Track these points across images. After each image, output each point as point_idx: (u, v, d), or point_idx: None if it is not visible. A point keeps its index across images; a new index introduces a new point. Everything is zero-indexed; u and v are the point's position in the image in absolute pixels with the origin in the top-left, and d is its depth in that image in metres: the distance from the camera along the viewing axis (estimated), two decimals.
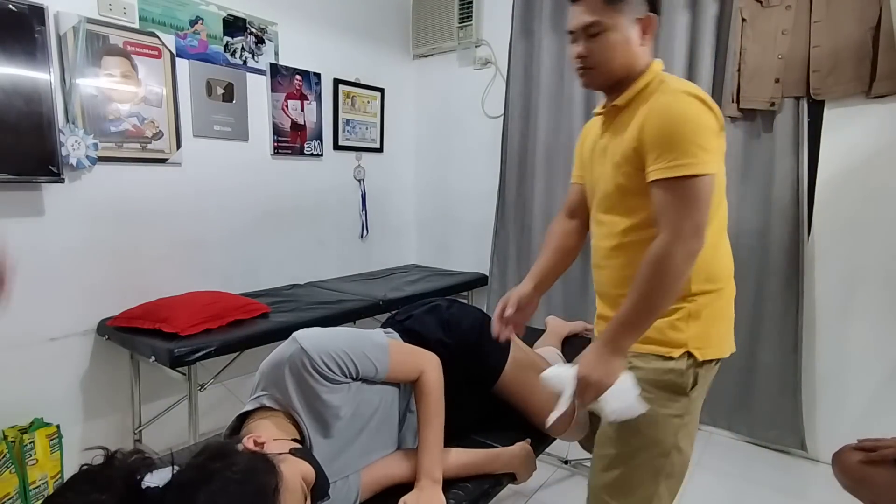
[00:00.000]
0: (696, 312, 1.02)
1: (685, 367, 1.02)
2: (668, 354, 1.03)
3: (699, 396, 1.06)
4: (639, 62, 1.03)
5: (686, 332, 1.02)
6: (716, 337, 1.05)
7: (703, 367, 1.03)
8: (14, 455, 1.61)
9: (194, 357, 1.61)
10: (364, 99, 2.89)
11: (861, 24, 1.83)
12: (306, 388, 1.01)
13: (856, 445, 1.20)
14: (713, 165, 0.93)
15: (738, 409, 2.24)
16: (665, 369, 1.03)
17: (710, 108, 0.96)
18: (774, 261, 2.09)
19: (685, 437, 1.05)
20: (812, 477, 2.02)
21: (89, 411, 1.92)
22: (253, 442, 0.86)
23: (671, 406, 1.03)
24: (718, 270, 1.05)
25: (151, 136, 1.99)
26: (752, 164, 2.14)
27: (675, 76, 1.05)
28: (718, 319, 1.06)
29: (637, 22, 1.01)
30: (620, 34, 1.01)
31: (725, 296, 1.07)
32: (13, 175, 1.60)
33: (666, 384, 1.03)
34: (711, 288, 1.03)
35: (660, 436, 1.03)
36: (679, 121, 0.93)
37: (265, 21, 2.35)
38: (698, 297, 1.02)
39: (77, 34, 1.75)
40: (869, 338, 1.98)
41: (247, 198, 2.36)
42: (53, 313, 1.78)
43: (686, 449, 1.06)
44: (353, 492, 1.07)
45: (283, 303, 2.15)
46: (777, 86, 2.00)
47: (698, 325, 1.02)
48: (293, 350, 1.01)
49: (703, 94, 0.97)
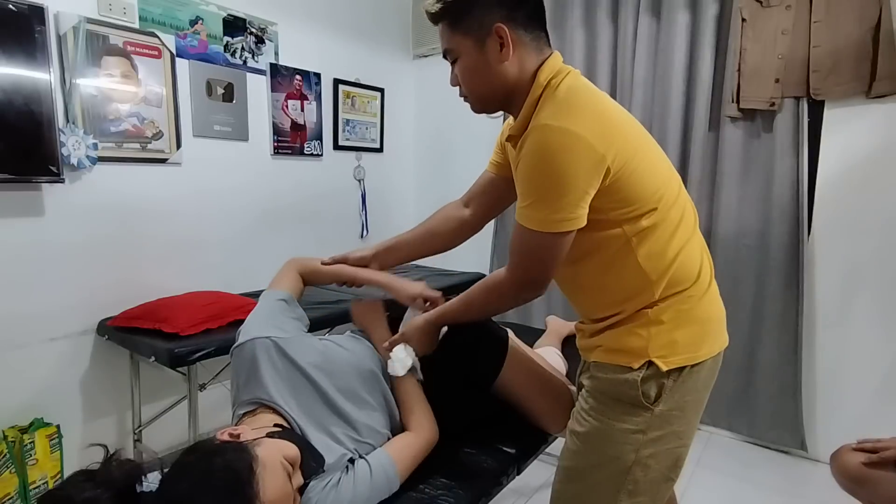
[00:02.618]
0: (657, 318, 0.94)
1: (640, 379, 0.93)
2: (627, 364, 0.94)
3: (674, 409, 0.95)
4: (508, 80, 0.93)
5: (647, 339, 0.94)
6: (683, 342, 0.94)
7: (670, 376, 0.93)
8: (14, 455, 1.61)
9: (194, 357, 1.61)
10: (364, 99, 2.89)
11: (861, 24, 1.83)
12: (280, 360, 1.08)
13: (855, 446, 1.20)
14: (568, 222, 0.85)
15: (738, 409, 2.24)
16: (619, 381, 0.95)
17: (580, 137, 0.82)
18: (774, 261, 2.09)
19: (655, 454, 0.95)
20: (812, 477, 2.02)
21: (89, 411, 1.91)
22: (228, 434, 0.88)
23: (628, 420, 0.95)
24: (683, 274, 0.95)
25: (151, 136, 1.99)
26: (752, 164, 2.14)
27: (566, 84, 0.90)
28: (686, 323, 0.95)
29: (489, 39, 0.90)
30: (471, 58, 0.93)
31: (694, 297, 0.96)
32: (13, 175, 1.59)
33: (620, 397, 0.96)
34: (675, 290, 0.94)
35: (616, 452, 0.96)
36: (538, 167, 0.85)
37: (265, 21, 2.35)
38: (660, 303, 0.94)
39: (77, 34, 1.75)
40: (869, 338, 1.98)
41: (247, 198, 2.36)
42: (53, 313, 1.78)
43: (657, 466, 0.96)
44: (391, 470, 1.02)
45: None
46: (777, 86, 2.00)
47: (661, 331, 0.94)
48: (251, 346, 1.09)
49: (573, 122, 0.83)
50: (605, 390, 0.98)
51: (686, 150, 2.26)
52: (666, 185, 0.94)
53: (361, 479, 0.98)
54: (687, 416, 0.97)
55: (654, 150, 0.98)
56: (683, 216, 0.96)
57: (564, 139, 0.82)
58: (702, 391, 0.99)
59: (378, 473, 1.00)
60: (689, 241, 0.97)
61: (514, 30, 0.91)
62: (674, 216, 0.94)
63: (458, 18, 0.93)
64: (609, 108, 0.91)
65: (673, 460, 0.98)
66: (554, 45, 2.93)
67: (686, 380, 0.95)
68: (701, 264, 0.98)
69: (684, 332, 0.94)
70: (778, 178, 2.06)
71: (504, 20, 0.90)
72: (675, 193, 0.96)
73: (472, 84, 0.98)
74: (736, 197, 2.18)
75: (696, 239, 1.00)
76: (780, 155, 2.05)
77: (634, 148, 0.90)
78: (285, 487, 0.82)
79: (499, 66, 0.92)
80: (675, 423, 0.96)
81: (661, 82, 2.27)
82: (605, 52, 2.41)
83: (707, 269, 1.00)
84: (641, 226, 0.91)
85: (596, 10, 2.42)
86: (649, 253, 0.92)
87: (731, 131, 2.16)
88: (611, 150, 0.84)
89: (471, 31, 0.92)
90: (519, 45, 0.92)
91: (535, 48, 0.94)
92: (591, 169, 0.84)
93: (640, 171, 0.89)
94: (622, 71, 2.40)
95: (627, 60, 2.37)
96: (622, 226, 0.91)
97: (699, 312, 0.97)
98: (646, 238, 0.92)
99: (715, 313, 1.01)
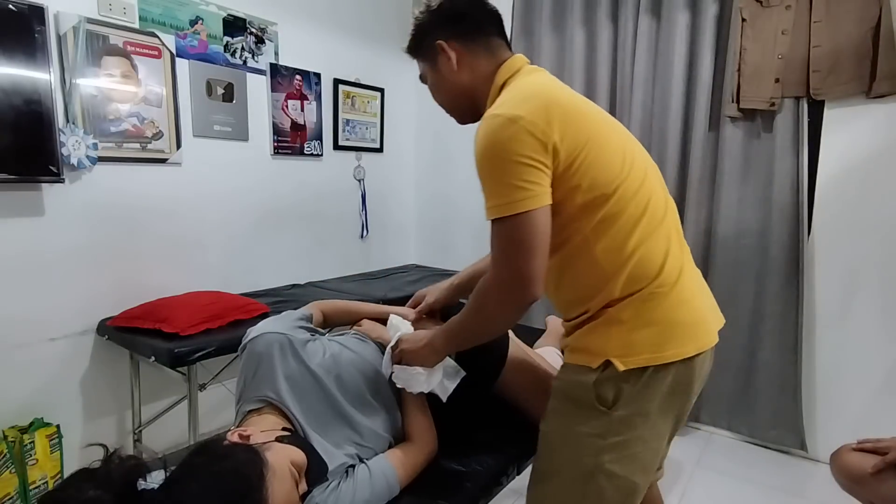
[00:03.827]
0: (617, 316, 0.91)
1: (594, 381, 0.90)
2: (586, 364, 0.92)
3: (636, 414, 0.91)
4: (464, 88, 1.04)
5: (607, 338, 0.91)
6: (643, 342, 0.89)
7: (630, 379, 0.89)
8: (14, 455, 1.61)
9: (194, 357, 1.61)
10: (364, 99, 2.89)
11: (861, 24, 1.83)
12: (293, 360, 1.08)
13: (855, 446, 1.20)
14: (528, 200, 0.83)
15: (738, 409, 2.24)
16: (575, 382, 0.94)
17: (520, 118, 0.84)
18: (774, 261, 2.09)
19: (618, 460, 0.91)
20: (812, 477, 2.02)
21: (89, 411, 1.91)
22: (238, 435, 0.87)
23: (587, 423, 0.92)
24: (642, 270, 0.91)
25: (151, 136, 1.99)
26: (752, 164, 2.14)
27: (518, 79, 0.98)
28: (648, 322, 0.90)
29: (438, 57, 1.03)
30: (432, 77, 1.07)
31: (657, 295, 0.91)
32: (13, 175, 1.59)
33: (577, 398, 0.93)
34: (636, 288, 0.90)
35: (575, 456, 0.93)
36: (482, 157, 0.87)
37: (265, 21, 2.35)
38: (621, 301, 0.91)
39: (77, 34, 1.75)
40: (869, 338, 1.98)
41: (247, 198, 2.36)
42: (53, 313, 1.78)
43: (623, 473, 0.92)
44: (392, 478, 1.02)
45: (283, 303, 2.15)
46: (777, 86, 2.00)
47: (621, 330, 0.90)
48: (267, 339, 1.09)
49: (513, 106, 0.86)
50: (564, 391, 0.97)
51: (686, 150, 2.26)
52: (625, 177, 0.91)
53: (362, 484, 0.97)
54: (652, 420, 0.92)
55: (614, 140, 0.94)
56: (647, 210, 0.92)
57: (504, 122, 0.85)
58: (671, 397, 0.93)
59: (378, 479, 1.00)
60: (652, 236, 0.92)
61: (459, 42, 1.02)
62: (634, 210, 0.91)
63: (417, 49, 1.09)
64: (561, 97, 0.91)
65: (640, 466, 0.94)
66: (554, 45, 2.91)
67: (650, 383, 0.90)
68: (664, 261, 0.92)
69: (645, 332, 0.90)
70: (778, 178, 2.06)
71: (447, 38, 1.02)
72: (636, 186, 0.92)
73: (438, 98, 1.10)
74: (736, 197, 2.18)
75: (661, 235, 0.94)
76: (780, 155, 2.05)
77: (588, 136, 0.88)
78: (292, 495, 0.81)
79: (452, 77, 1.03)
80: (639, 428, 0.91)
81: (661, 82, 2.28)
82: (605, 52, 2.41)
83: (674, 267, 0.93)
84: (597, 218, 0.89)
85: (596, 10, 2.42)
86: (607, 248, 0.90)
87: (731, 131, 2.16)
88: (556, 132, 0.85)
89: (427, 55, 1.06)
90: (466, 54, 1.02)
91: (487, 54, 1.03)
92: (535, 145, 0.84)
93: (591, 160, 0.88)
94: (622, 71, 2.40)
95: (627, 60, 2.37)
96: (579, 220, 0.90)
97: (663, 312, 0.91)
98: (603, 232, 0.90)
99: (683, 317, 0.92)
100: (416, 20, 1.08)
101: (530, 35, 2.63)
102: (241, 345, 1.14)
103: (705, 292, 1.02)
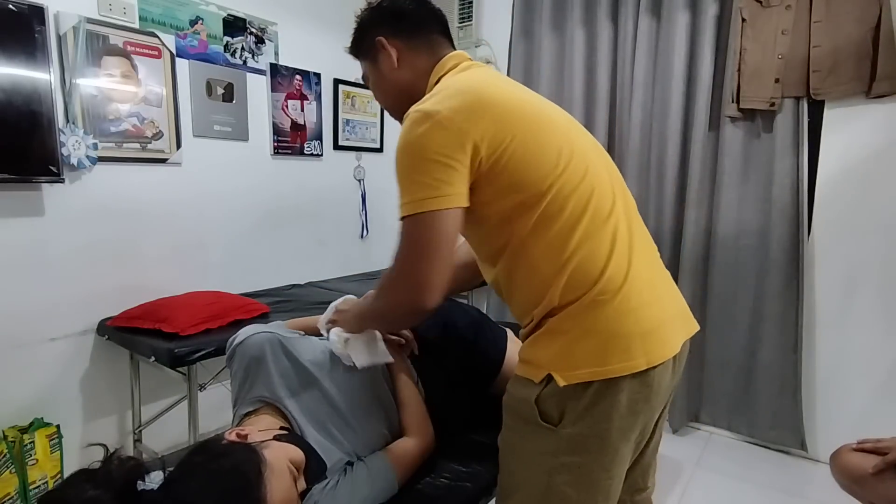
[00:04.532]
0: (558, 326, 0.84)
1: (535, 398, 0.84)
2: (530, 378, 0.85)
3: (591, 436, 0.83)
4: (405, 85, 1.01)
5: (548, 350, 0.84)
6: (584, 355, 0.81)
7: (574, 395, 0.81)
8: (14, 455, 1.61)
9: (194, 357, 1.61)
10: (364, 99, 2.89)
11: (861, 24, 1.83)
12: (285, 358, 1.07)
13: (855, 446, 1.20)
14: (437, 200, 0.79)
15: (738, 409, 2.24)
16: (517, 397, 0.88)
17: (437, 112, 0.80)
18: (774, 261, 2.09)
19: (574, 483, 0.85)
20: (812, 477, 2.02)
21: (89, 411, 1.91)
22: (236, 434, 0.87)
23: (535, 441, 0.86)
24: (584, 276, 0.83)
25: (151, 136, 1.99)
26: (752, 164, 2.14)
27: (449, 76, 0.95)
28: (588, 334, 0.82)
29: (379, 54, 1.02)
30: (373, 76, 1.06)
31: (600, 303, 0.82)
32: (13, 175, 1.59)
33: (522, 415, 0.87)
34: (576, 295, 0.83)
35: (527, 473, 0.89)
36: (398, 153, 0.84)
37: (265, 21, 2.35)
38: (562, 309, 0.84)
39: (77, 34, 1.75)
40: (869, 337, 1.98)
41: (247, 198, 2.36)
42: (53, 313, 1.78)
43: (575, 495, 0.85)
44: (390, 474, 1.02)
45: (283, 303, 2.15)
46: (777, 86, 2.00)
47: (562, 341, 0.83)
48: (257, 340, 1.09)
49: (435, 102, 0.83)
50: (511, 406, 0.91)
51: (686, 150, 2.26)
52: (559, 173, 0.83)
53: (359, 481, 0.97)
54: (612, 445, 0.84)
55: (550, 134, 0.87)
56: (588, 208, 0.84)
57: (420, 117, 0.82)
58: (631, 417, 0.84)
59: (377, 477, 1.00)
60: (594, 237, 0.84)
61: (400, 40, 1.01)
62: (574, 208, 0.83)
63: (358, 48, 1.08)
64: (489, 93, 0.85)
65: (602, 495, 0.87)
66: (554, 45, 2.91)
67: (598, 401, 0.81)
68: (606, 265, 0.83)
69: (586, 343, 0.82)
70: (778, 178, 2.06)
71: (388, 34, 1.01)
72: (575, 182, 0.84)
73: (379, 97, 1.09)
74: (736, 197, 2.18)
75: (605, 235, 0.85)
76: (780, 155, 2.05)
77: (515, 133, 0.82)
78: (291, 492, 0.81)
79: (392, 75, 1.01)
80: (595, 451, 0.84)
81: (661, 82, 2.27)
82: (605, 52, 2.40)
83: (617, 272, 0.84)
84: (533, 220, 0.83)
85: (596, 10, 2.41)
86: (545, 252, 0.84)
87: (731, 131, 2.16)
88: (477, 129, 0.80)
89: (368, 53, 1.05)
90: (406, 51, 1.01)
91: (429, 52, 1.01)
92: (451, 142, 0.80)
93: (519, 157, 0.82)
94: (622, 71, 2.40)
95: (627, 60, 2.37)
96: (515, 221, 0.84)
97: (604, 322, 0.82)
98: (541, 234, 0.83)
99: (629, 328, 0.82)
100: (357, 18, 1.08)
101: (530, 35, 2.63)
102: (228, 349, 1.13)
103: (667, 297, 0.93)
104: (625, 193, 0.93)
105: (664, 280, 0.95)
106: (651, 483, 1.10)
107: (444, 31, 1.05)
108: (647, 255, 0.92)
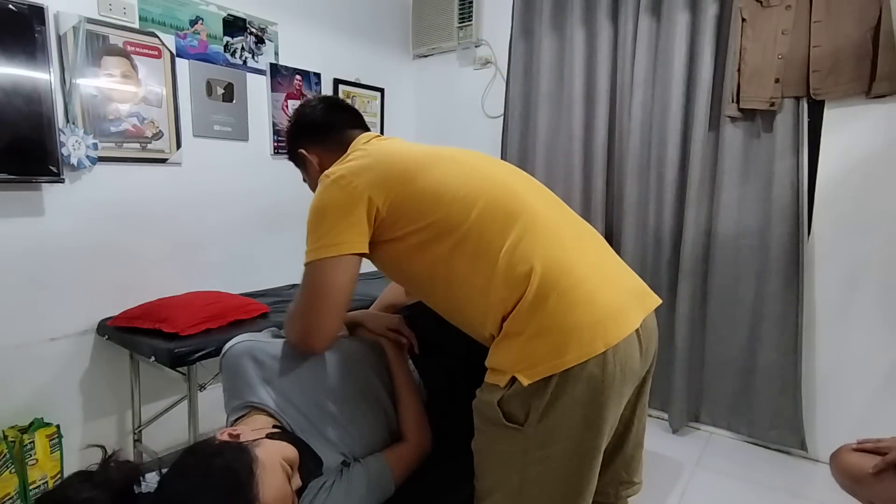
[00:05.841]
0: (513, 329, 0.88)
1: (499, 400, 0.88)
2: (496, 383, 0.89)
3: (559, 426, 0.86)
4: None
5: (508, 353, 0.88)
6: (541, 352, 0.85)
7: (537, 392, 0.85)
8: (14, 455, 1.61)
9: (194, 357, 1.61)
10: (364, 99, 2.89)
11: (861, 24, 1.83)
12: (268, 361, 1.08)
13: (855, 446, 1.20)
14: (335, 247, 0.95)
15: (738, 409, 2.24)
16: (484, 402, 0.92)
17: (339, 174, 0.98)
18: (774, 261, 2.09)
19: (543, 473, 0.88)
20: (812, 477, 2.02)
21: (89, 411, 1.92)
22: (228, 434, 0.87)
23: (504, 443, 0.90)
24: (515, 276, 0.88)
25: (151, 136, 1.99)
26: (752, 164, 2.14)
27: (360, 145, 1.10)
28: (542, 331, 0.85)
29: (305, 161, 1.18)
30: (305, 175, 1.23)
31: (546, 300, 0.86)
32: (13, 175, 1.59)
33: (490, 418, 0.91)
34: (518, 295, 0.87)
35: (500, 474, 0.92)
36: (309, 212, 1.01)
37: (265, 21, 2.35)
38: (514, 313, 0.88)
39: (77, 34, 1.75)
40: (869, 338, 1.98)
41: (247, 198, 2.36)
42: (53, 313, 1.78)
43: (549, 488, 0.89)
44: (387, 476, 1.03)
45: (283, 303, 2.15)
46: (777, 86, 2.00)
47: (519, 342, 0.87)
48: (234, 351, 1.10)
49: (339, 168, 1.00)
50: (479, 410, 0.94)
51: (686, 150, 2.26)
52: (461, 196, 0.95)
53: (356, 483, 0.97)
54: (581, 434, 0.87)
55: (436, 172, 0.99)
56: (496, 217, 0.92)
57: (325, 181, 1.00)
58: (593, 405, 0.86)
59: (374, 478, 1.00)
60: (522, 241, 0.90)
61: (318, 146, 1.17)
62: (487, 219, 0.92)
63: (292, 157, 1.24)
64: (388, 156, 1.01)
65: (575, 484, 0.89)
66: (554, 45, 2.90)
67: (559, 393, 0.84)
68: (533, 261, 0.88)
69: (541, 340, 0.85)
70: (778, 178, 2.06)
71: (307, 145, 1.18)
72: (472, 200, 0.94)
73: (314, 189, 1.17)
74: (736, 197, 2.18)
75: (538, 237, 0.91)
76: (780, 155, 2.05)
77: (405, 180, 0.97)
78: (284, 489, 0.81)
79: (318, 176, 1.09)
80: (564, 442, 0.87)
81: (661, 82, 2.27)
82: (605, 52, 2.40)
83: (552, 266, 0.88)
84: (449, 243, 0.93)
85: (596, 10, 2.41)
86: (471, 264, 0.92)
87: (730, 131, 2.15)
88: (374, 188, 0.95)
89: (297, 161, 1.23)
90: (325, 154, 1.15)
91: (341, 147, 1.11)
92: (350, 200, 0.95)
93: (419, 193, 0.96)
94: (622, 71, 2.40)
95: (627, 60, 2.37)
96: (434, 244, 0.94)
97: (555, 318, 0.85)
98: (459, 250, 0.93)
99: (580, 318, 0.85)
100: (285, 131, 1.26)
101: (530, 35, 2.63)
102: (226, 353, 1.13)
103: (619, 277, 0.97)
104: (547, 196, 1.05)
105: (612, 262, 1.01)
106: (638, 479, 1.11)
107: (353, 122, 1.20)
108: (585, 243, 0.99)
